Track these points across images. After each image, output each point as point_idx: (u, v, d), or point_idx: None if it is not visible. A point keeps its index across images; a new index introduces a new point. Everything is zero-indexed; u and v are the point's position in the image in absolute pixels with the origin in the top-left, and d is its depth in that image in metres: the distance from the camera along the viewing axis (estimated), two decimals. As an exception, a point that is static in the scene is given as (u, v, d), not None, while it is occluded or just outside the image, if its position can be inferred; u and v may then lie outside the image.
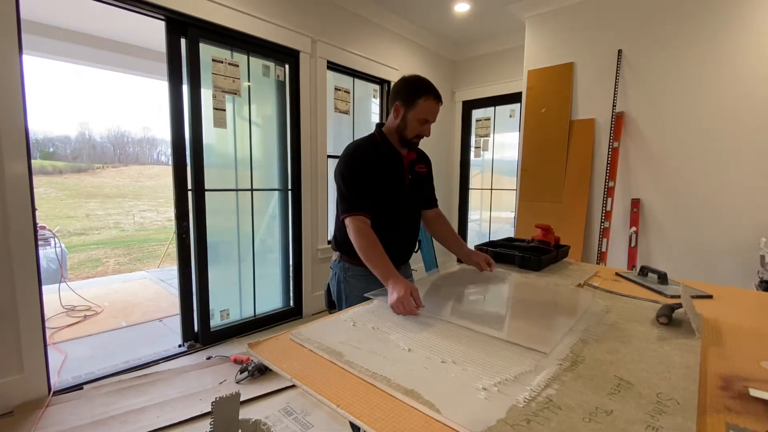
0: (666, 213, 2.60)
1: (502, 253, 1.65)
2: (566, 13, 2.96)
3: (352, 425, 1.25)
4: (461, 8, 3.35)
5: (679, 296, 1.24)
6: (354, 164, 1.28)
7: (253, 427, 1.06)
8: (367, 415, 0.62)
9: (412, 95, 1.26)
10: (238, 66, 2.60)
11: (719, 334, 0.97)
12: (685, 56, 2.48)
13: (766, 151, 2.24)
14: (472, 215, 4.66)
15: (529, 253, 1.66)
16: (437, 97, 1.28)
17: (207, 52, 2.46)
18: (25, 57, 1.83)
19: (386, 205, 1.31)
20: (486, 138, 4.33)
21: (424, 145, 1.44)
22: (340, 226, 1.38)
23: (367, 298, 1.19)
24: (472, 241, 4.48)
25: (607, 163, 2.76)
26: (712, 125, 2.41)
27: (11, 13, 1.76)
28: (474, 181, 4.58)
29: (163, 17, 2.28)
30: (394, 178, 1.34)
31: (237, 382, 2.14)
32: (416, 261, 1.59)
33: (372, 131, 1.40)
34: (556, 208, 3.02)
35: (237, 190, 2.75)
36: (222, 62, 2.52)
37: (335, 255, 1.43)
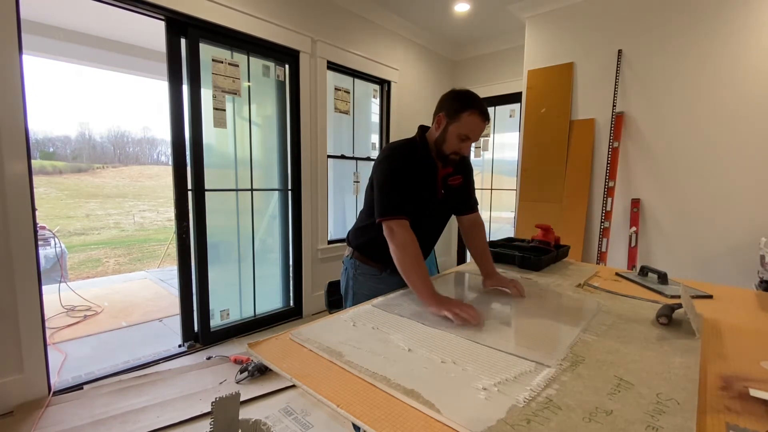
0: (666, 213, 2.60)
1: (502, 253, 1.65)
2: (566, 13, 2.96)
3: (355, 426, 1.25)
4: (461, 8, 3.35)
5: (679, 296, 1.24)
6: (394, 166, 1.21)
7: (253, 427, 1.06)
8: (367, 414, 0.62)
9: (457, 107, 1.18)
10: (238, 66, 2.60)
11: (719, 334, 0.97)
12: (685, 56, 2.48)
13: (766, 151, 2.24)
14: (472, 215, 4.65)
15: (529, 253, 1.66)
16: (483, 114, 1.19)
17: (207, 52, 2.46)
18: (25, 57, 1.83)
19: (414, 215, 1.24)
20: (486, 138, 4.33)
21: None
22: (361, 225, 1.37)
23: (371, 297, 1.19)
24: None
25: (607, 163, 2.76)
26: (712, 125, 2.40)
27: (11, 13, 1.76)
28: (474, 180, 4.57)
29: (163, 17, 2.28)
30: (426, 190, 1.26)
31: (237, 382, 2.14)
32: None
33: (413, 135, 1.31)
34: (556, 208, 3.02)
35: (237, 190, 2.75)
36: (222, 62, 2.52)
37: (348, 250, 1.43)
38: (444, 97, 1.24)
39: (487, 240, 1.50)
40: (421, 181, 1.25)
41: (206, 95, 2.46)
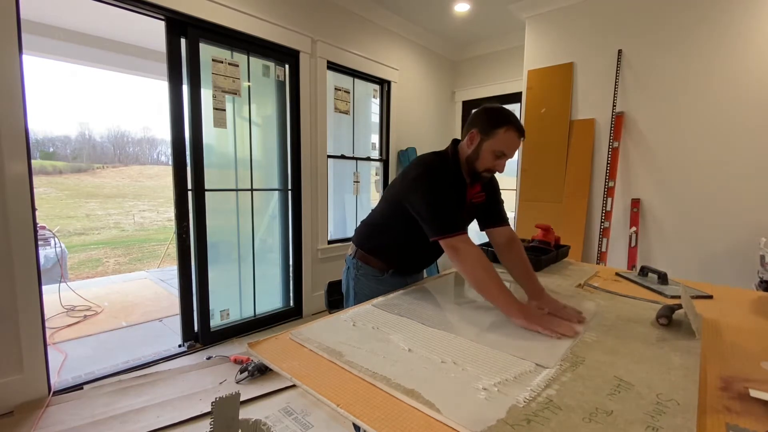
0: (666, 213, 2.60)
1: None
2: (566, 13, 2.96)
3: (355, 426, 1.25)
4: (461, 8, 3.35)
5: (679, 296, 1.24)
6: (438, 181, 1.16)
7: (253, 427, 1.06)
8: (367, 414, 0.62)
9: (492, 124, 1.14)
10: (238, 66, 2.60)
11: (719, 334, 0.97)
12: (685, 56, 2.48)
13: (766, 151, 2.24)
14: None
15: (529, 253, 1.65)
16: (520, 131, 1.15)
17: (207, 52, 2.46)
18: (25, 57, 1.83)
19: None
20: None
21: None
22: (369, 222, 1.37)
23: (372, 297, 1.19)
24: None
25: (607, 163, 2.76)
26: (712, 125, 2.41)
27: (11, 13, 1.76)
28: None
29: (163, 17, 2.28)
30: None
31: (237, 382, 2.14)
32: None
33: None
34: (556, 208, 3.02)
35: (237, 190, 2.75)
36: (222, 62, 2.52)
37: (351, 249, 1.42)
38: (477, 114, 1.19)
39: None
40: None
41: (206, 95, 2.46)
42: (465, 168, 1.22)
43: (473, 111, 1.21)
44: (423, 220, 1.15)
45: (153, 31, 3.26)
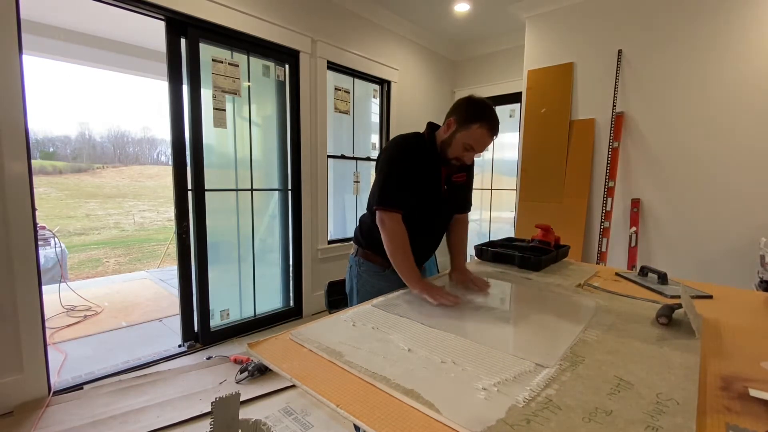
0: (666, 213, 2.60)
1: (502, 253, 1.65)
2: (566, 13, 2.96)
3: (355, 426, 1.25)
4: (461, 8, 3.35)
5: (679, 296, 1.24)
6: (398, 156, 1.24)
7: (253, 427, 1.06)
8: (366, 415, 0.62)
9: (468, 117, 1.19)
10: (238, 66, 2.60)
11: (719, 334, 0.97)
12: (685, 56, 2.48)
13: (766, 151, 2.24)
14: (472, 215, 4.66)
15: (529, 253, 1.66)
16: (493, 129, 1.19)
17: (207, 52, 2.46)
18: (25, 57, 1.83)
19: (417, 211, 1.26)
20: (486, 138, 4.32)
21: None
22: (365, 219, 1.38)
23: (374, 294, 1.20)
24: (472, 241, 4.46)
25: (607, 163, 2.76)
26: (712, 125, 2.41)
27: (11, 13, 1.76)
28: (474, 181, 4.57)
29: (163, 17, 2.28)
30: (429, 186, 1.28)
31: (237, 382, 2.14)
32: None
33: (422, 130, 1.33)
34: (556, 208, 3.02)
35: (237, 190, 2.75)
36: (222, 62, 2.52)
37: (354, 248, 1.44)
38: (459, 103, 1.23)
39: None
40: (425, 176, 1.26)
41: (206, 95, 2.46)
42: (440, 151, 1.28)
43: (459, 98, 1.25)
44: (373, 188, 1.26)
45: (153, 31, 3.26)
